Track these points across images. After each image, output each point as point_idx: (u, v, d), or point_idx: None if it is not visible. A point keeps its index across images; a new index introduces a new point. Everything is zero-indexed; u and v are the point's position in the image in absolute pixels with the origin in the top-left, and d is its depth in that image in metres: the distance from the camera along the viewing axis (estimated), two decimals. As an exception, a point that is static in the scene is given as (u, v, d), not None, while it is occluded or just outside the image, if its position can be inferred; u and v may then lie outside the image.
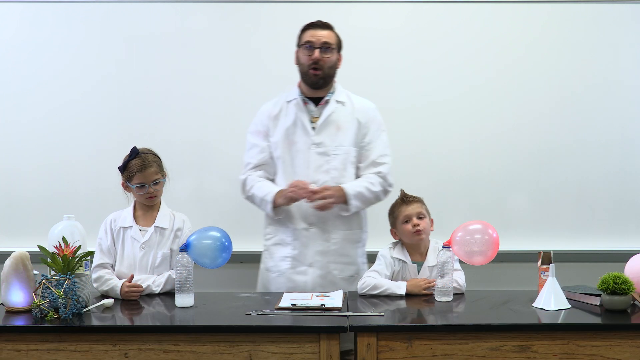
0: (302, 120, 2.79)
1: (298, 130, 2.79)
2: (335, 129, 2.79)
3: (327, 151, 2.77)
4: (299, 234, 2.77)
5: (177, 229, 2.64)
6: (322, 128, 2.79)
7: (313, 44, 2.74)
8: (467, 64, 3.44)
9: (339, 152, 2.77)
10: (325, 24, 2.80)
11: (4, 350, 2.13)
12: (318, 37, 2.75)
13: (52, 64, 3.40)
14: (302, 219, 2.76)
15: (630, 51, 3.45)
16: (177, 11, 3.41)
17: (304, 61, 2.77)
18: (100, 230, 2.63)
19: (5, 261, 2.33)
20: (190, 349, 2.13)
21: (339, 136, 2.78)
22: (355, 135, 2.80)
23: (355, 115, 2.82)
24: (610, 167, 3.47)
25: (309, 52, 2.75)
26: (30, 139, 3.41)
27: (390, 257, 2.61)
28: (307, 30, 2.79)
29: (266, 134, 2.85)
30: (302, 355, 2.12)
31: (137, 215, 2.65)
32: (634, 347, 2.14)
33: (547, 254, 2.48)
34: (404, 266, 2.60)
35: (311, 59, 2.74)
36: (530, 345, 2.13)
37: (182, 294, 2.36)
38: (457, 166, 3.44)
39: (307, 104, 2.82)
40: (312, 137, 2.77)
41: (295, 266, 2.77)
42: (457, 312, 2.33)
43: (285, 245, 2.79)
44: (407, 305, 2.40)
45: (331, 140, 2.77)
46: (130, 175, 2.59)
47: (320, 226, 2.76)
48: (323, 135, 2.78)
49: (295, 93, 2.84)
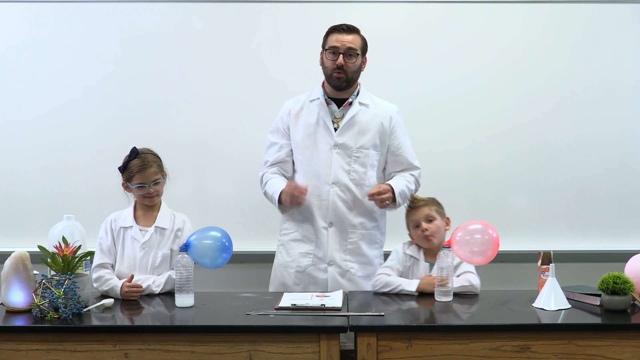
0: (325, 120, 2.79)
1: (320, 129, 2.79)
2: (358, 131, 2.79)
3: (349, 153, 2.78)
4: (319, 232, 2.78)
5: (178, 229, 2.64)
6: (345, 129, 2.79)
7: (338, 49, 2.73)
8: (467, 64, 3.43)
9: (360, 154, 2.78)
10: (350, 28, 2.77)
11: (4, 350, 2.13)
12: (343, 42, 2.73)
13: (52, 64, 3.40)
14: (322, 218, 2.78)
15: (630, 51, 3.45)
16: (177, 11, 3.41)
17: (328, 65, 2.77)
18: (101, 230, 2.63)
19: (5, 261, 2.33)
20: (190, 349, 2.13)
21: (361, 138, 2.79)
22: (378, 139, 2.81)
23: (379, 118, 2.82)
24: (611, 167, 3.47)
25: (333, 57, 2.74)
26: (30, 139, 3.41)
27: (403, 252, 2.64)
28: (333, 34, 2.77)
29: (286, 132, 2.86)
30: (302, 355, 2.12)
31: (138, 216, 2.65)
32: (634, 347, 2.14)
33: (547, 254, 2.48)
34: (415, 263, 2.62)
35: (335, 63, 2.73)
36: (530, 345, 2.13)
37: (182, 294, 2.36)
38: (457, 166, 3.44)
39: (330, 104, 2.82)
40: (335, 138, 2.78)
41: (316, 263, 2.79)
42: (457, 312, 2.33)
43: (307, 242, 2.81)
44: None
45: (353, 141, 2.78)
46: (130, 176, 2.59)
47: (339, 226, 2.78)
48: (345, 136, 2.78)
49: (319, 93, 2.84)
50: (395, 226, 2.93)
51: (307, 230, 2.82)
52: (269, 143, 2.90)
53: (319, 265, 2.79)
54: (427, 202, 2.65)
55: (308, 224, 2.81)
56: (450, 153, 3.44)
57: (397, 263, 2.63)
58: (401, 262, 2.63)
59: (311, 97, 2.86)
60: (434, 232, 2.59)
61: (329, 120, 2.79)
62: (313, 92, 2.87)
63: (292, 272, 2.82)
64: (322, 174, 2.77)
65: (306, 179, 2.79)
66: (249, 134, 3.38)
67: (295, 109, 2.85)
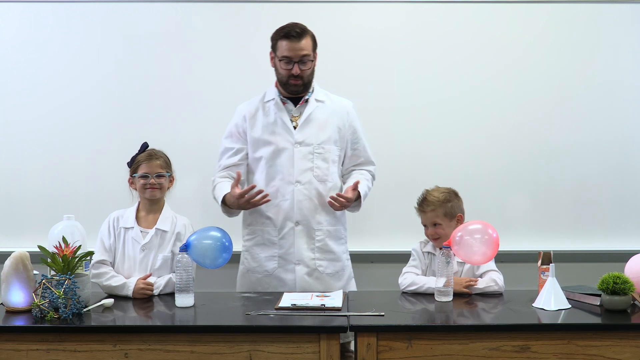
0: (283, 119, 2.77)
1: (279, 128, 2.77)
2: (317, 127, 2.78)
3: (310, 149, 2.76)
4: (284, 233, 2.76)
5: (178, 232, 2.64)
6: (304, 126, 2.77)
7: (291, 58, 2.69)
8: (466, 64, 3.43)
9: (321, 150, 2.77)
10: (300, 32, 2.69)
11: (4, 350, 2.13)
12: (296, 52, 2.68)
13: (52, 64, 3.40)
14: (287, 219, 2.76)
15: (630, 51, 3.45)
16: (177, 11, 3.41)
17: (283, 73, 2.73)
18: (103, 226, 2.65)
19: (5, 261, 2.33)
20: (190, 349, 2.13)
21: (321, 134, 2.78)
22: (337, 134, 2.81)
23: (337, 114, 2.82)
24: (611, 167, 3.47)
25: (287, 66, 2.71)
26: (30, 139, 3.41)
27: (421, 251, 2.67)
28: (283, 41, 2.70)
29: (241, 136, 2.83)
30: (302, 355, 2.12)
31: (140, 217, 2.65)
32: (634, 347, 2.14)
33: (547, 254, 2.48)
34: (433, 259, 2.63)
35: (290, 72, 2.71)
36: (530, 345, 2.13)
37: (182, 294, 2.36)
38: (457, 166, 3.44)
39: (286, 103, 2.81)
40: (295, 136, 2.76)
41: (282, 265, 2.77)
42: (457, 312, 2.33)
43: (270, 245, 2.78)
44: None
45: (314, 138, 2.77)
46: (137, 166, 2.63)
47: (305, 224, 2.76)
48: (305, 133, 2.77)
49: (274, 93, 2.82)
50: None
51: (268, 234, 2.78)
52: (223, 148, 2.87)
53: (285, 266, 2.76)
54: (435, 207, 2.63)
55: (270, 226, 2.77)
56: (451, 153, 3.44)
57: (419, 262, 2.66)
58: (422, 260, 2.66)
59: (265, 98, 2.84)
60: (440, 236, 2.61)
61: (287, 119, 2.77)
62: (266, 93, 2.85)
63: (260, 276, 2.79)
64: (285, 172, 2.74)
65: (267, 179, 2.77)
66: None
67: (250, 112, 2.82)
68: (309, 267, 2.76)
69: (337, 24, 3.41)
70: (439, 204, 2.64)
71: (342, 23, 3.42)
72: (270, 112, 2.80)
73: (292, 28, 2.70)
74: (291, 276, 2.75)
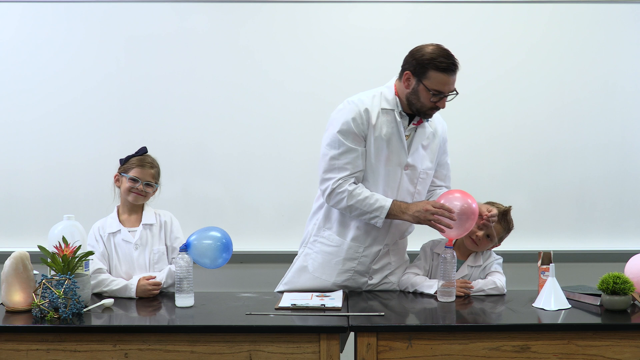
0: (401, 137, 2.52)
1: (394, 146, 2.52)
2: (424, 151, 2.60)
3: (416, 175, 2.59)
4: (369, 253, 2.61)
5: (164, 222, 2.65)
6: (415, 150, 2.57)
7: (444, 93, 2.45)
8: (467, 65, 3.37)
9: (425, 176, 2.62)
10: (457, 66, 2.46)
11: (4, 350, 2.13)
12: (449, 87, 2.45)
13: (52, 64, 3.40)
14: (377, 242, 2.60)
15: (633, 53, 3.44)
16: (177, 11, 3.41)
17: (426, 103, 2.46)
18: (90, 238, 2.62)
19: (5, 261, 2.33)
20: (190, 349, 2.13)
21: (425, 160, 2.61)
22: (436, 157, 2.67)
23: (437, 138, 2.65)
24: (611, 168, 3.47)
25: (435, 99, 2.45)
26: (30, 139, 3.41)
27: (429, 250, 2.66)
28: (439, 73, 2.43)
29: (363, 139, 2.52)
30: (302, 355, 2.12)
31: (123, 220, 2.65)
32: (634, 347, 2.14)
33: (547, 254, 2.48)
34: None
35: (436, 105, 2.47)
36: (530, 345, 2.13)
37: (182, 294, 2.36)
38: (457, 166, 3.41)
39: (404, 117, 2.55)
40: (408, 158, 2.55)
41: (355, 278, 2.64)
42: (457, 312, 2.33)
43: (350, 260, 2.61)
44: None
45: (420, 163, 2.59)
46: (129, 167, 2.62)
47: (393, 248, 2.67)
48: (415, 157, 2.57)
49: (394, 103, 2.54)
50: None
51: (353, 249, 2.60)
52: (346, 147, 2.49)
53: (358, 279, 2.64)
54: (502, 235, 2.61)
55: (357, 243, 2.60)
56: (451, 153, 3.42)
57: (424, 262, 2.65)
58: (428, 260, 2.65)
59: (383, 104, 2.54)
60: (482, 244, 2.57)
61: (404, 139, 2.53)
62: (383, 97, 2.55)
63: (321, 283, 2.62)
64: (389, 194, 2.54)
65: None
66: (248, 134, 3.38)
67: (373, 117, 2.51)
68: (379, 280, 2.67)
69: (336, 24, 3.40)
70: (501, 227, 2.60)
71: (342, 23, 3.41)
72: (388, 124, 2.52)
73: (451, 60, 2.45)
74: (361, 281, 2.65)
